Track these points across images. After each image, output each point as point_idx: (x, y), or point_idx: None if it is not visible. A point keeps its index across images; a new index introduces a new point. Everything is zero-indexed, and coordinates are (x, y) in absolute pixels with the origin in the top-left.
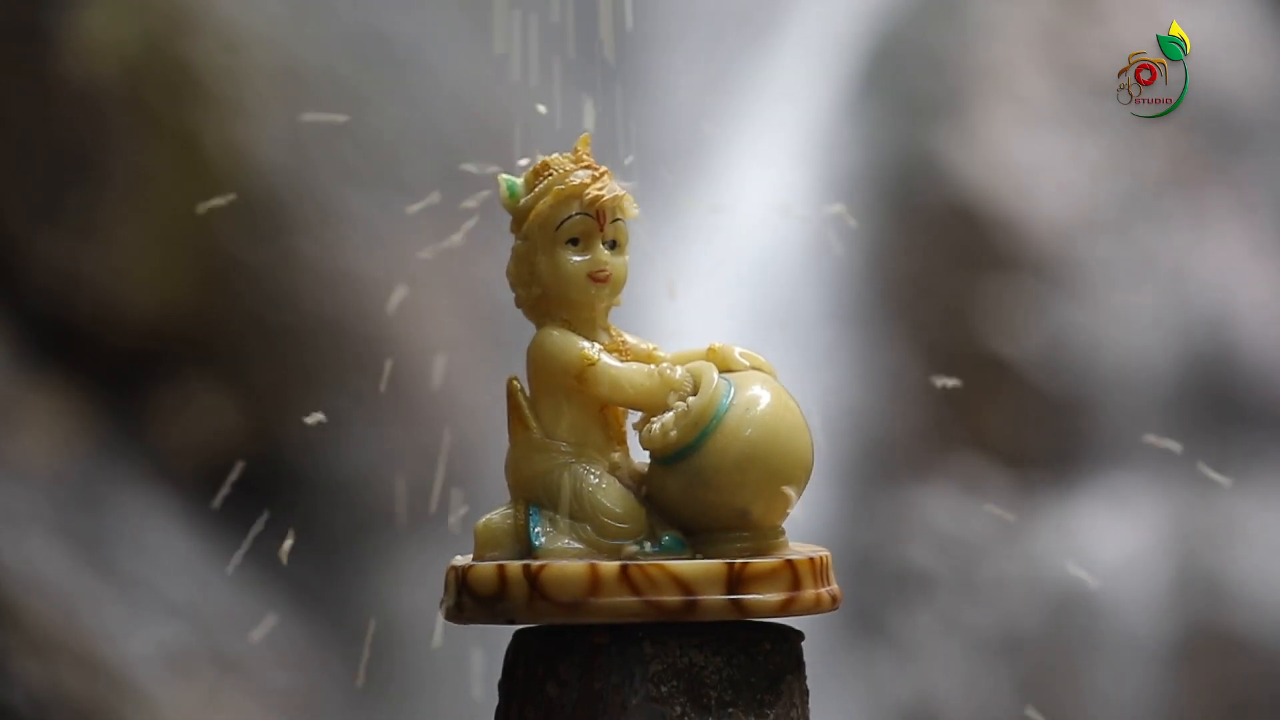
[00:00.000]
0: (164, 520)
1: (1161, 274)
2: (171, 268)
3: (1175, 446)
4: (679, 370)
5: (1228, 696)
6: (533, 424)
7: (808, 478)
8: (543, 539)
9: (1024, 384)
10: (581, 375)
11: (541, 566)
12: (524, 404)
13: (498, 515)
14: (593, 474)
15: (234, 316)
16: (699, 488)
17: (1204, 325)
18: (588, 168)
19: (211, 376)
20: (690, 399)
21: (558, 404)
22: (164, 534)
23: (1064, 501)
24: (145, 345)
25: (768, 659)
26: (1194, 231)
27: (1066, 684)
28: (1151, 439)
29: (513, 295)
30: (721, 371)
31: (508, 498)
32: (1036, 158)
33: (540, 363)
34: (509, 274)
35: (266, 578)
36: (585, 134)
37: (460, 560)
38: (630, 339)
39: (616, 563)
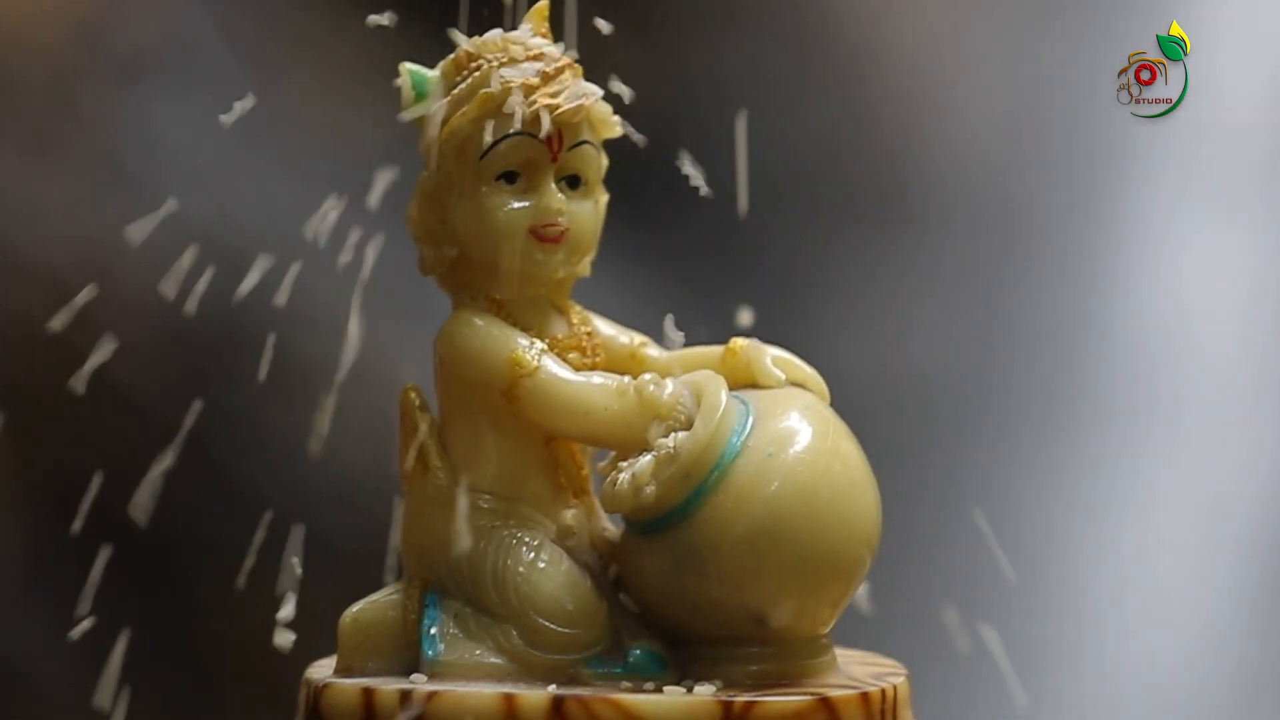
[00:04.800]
0: None
1: None
2: None
3: None
4: (670, 385)
5: None
6: (437, 463)
7: (866, 567)
8: (440, 646)
9: None
10: (513, 390)
11: (432, 693)
12: (425, 429)
13: (377, 604)
14: (528, 546)
15: None
16: (690, 575)
17: None
18: (537, 57)
19: None
20: (681, 434)
21: (478, 433)
22: None
23: None
24: None
25: None
26: None
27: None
28: None
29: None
30: (738, 387)
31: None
32: None
33: (453, 368)
34: (410, 221)
35: None
36: (541, 1)
37: (318, 672)
38: (604, 328)
39: (548, 691)
